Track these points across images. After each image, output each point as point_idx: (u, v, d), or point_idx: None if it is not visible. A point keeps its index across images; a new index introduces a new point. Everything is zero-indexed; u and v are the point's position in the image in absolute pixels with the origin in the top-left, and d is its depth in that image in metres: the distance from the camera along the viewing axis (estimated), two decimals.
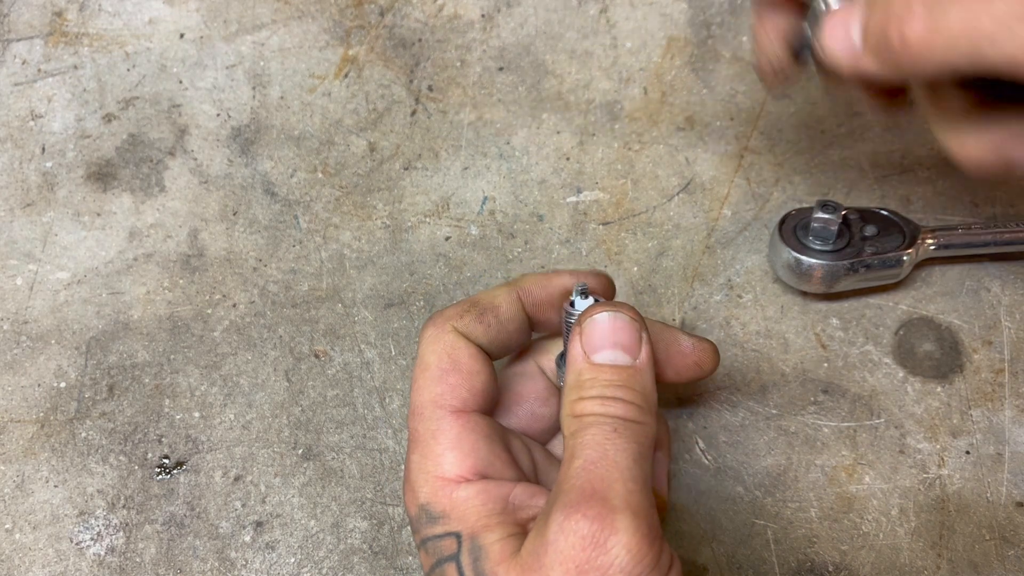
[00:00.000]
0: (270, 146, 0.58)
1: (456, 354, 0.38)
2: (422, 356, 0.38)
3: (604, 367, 0.35)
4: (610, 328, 0.36)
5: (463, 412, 0.37)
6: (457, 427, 0.36)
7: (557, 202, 0.56)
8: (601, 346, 0.35)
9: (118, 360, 0.52)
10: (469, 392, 0.37)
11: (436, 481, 0.35)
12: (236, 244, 0.55)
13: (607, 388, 0.34)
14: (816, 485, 0.48)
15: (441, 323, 0.39)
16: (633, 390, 0.35)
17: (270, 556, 0.47)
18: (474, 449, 0.36)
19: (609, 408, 0.34)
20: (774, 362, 0.51)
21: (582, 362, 0.35)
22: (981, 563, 0.46)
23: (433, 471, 0.36)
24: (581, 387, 0.35)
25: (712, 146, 0.56)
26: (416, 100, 0.59)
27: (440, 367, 0.37)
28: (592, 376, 0.35)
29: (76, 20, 0.61)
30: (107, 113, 0.59)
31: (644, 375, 0.35)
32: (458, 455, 0.36)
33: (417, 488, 0.36)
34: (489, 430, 0.37)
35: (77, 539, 0.48)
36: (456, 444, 0.36)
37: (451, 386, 0.37)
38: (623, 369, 0.35)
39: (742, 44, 0.59)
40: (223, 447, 0.50)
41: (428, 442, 0.36)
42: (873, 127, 0.56)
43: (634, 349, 0.36)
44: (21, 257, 0.55)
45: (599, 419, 0.34)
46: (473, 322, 0.39)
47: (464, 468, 0.35)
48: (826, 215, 0.48)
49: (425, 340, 0.39)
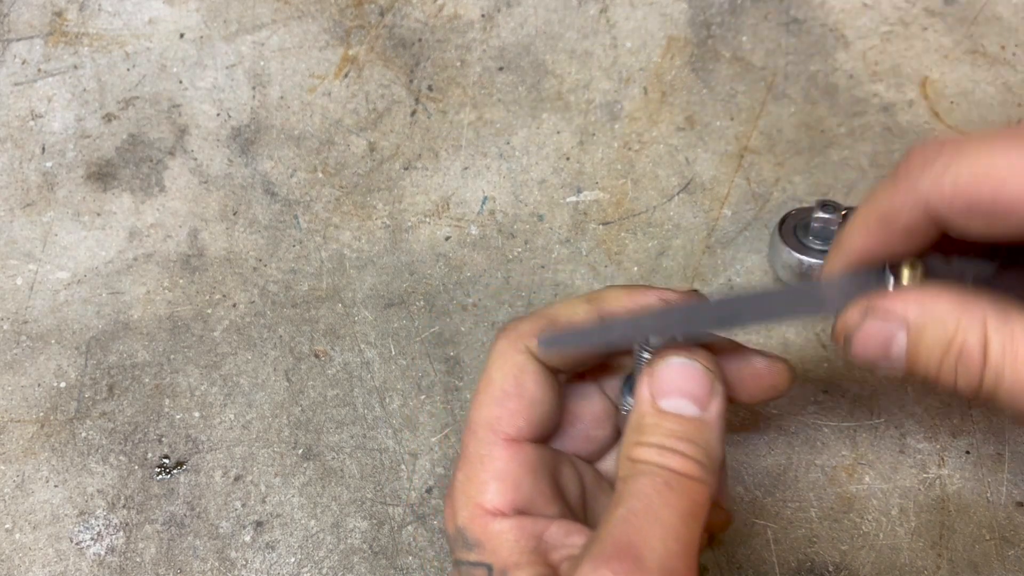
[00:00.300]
0: (270, 146, 0.58)
1: (523, 377, 0.36)
2: (488, 369, 0.37)
3: (668, 415, 0.33)
4: (680, 375, 0.34)
5: (515, 441, 0.35)
6: (505, 457, 0.35)
7: (557, 202, 0.56)
8: (669, 392, 0.34)
9: (118, 360, 0.52)
10: (526, 421, 0.36)
11: (475, 508, 0.35)
12: (236, 244, 0.55)
13: (668, 438, 0.33)
14: (816, 485, 0.48)
15: (515, 339, 0.37)
16: (695, 444, 0.33)
17: (270, 556, 0.47)
18: (517, 484, 0.35)
19: (666, 459, 0.32)
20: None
21: (647, 405, 0.34)
22: (981, 563, 0.46)
23: (475, 497, 0.35)
24: (642, 431, 0.33)
25: (712, 146, 0.56)
26: (416, 100, 0.59)
27: (503, 388, 0.36)
28: (654, 422, 0.33)
29: (76, 20, 0.61)
30: (107, 113, 0.59)
31: (710, 430, 0.33)
32: (500, 487, 0.35)
33: (457, 509, 0.35)
34: (538, 463, 0.36)
35: (77, 539, 0.48)
36: (501, 475, 0.35)
37: (509, 411, 0.36)
38: (688, 421, 0.33)
39: (742, 44, 0.59)
40: (223, 447, 0.50)
41: (475, 465, 0.35)
42: (873, 127, 0.56)
43: (704, 401, 0.34)
44: (21, 257, 0.55)
45: (653, 468, 0.32)
46: None
47: (503, 502, 0.34)
48: (826, 215, 0.48)
49: (495, 353, 0.37)
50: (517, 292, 0.53)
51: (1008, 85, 0.57)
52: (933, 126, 0.56)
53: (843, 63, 0.58)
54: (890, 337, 0.32)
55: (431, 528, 0.47)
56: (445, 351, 0.52)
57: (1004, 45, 0.58)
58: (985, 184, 0.29)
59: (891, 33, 0.59)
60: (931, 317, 0.31)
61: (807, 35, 0.59)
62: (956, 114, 0.56)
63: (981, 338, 0.30)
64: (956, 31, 0.59)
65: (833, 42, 0.59)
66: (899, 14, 0.59)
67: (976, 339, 0.30)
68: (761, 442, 0.49)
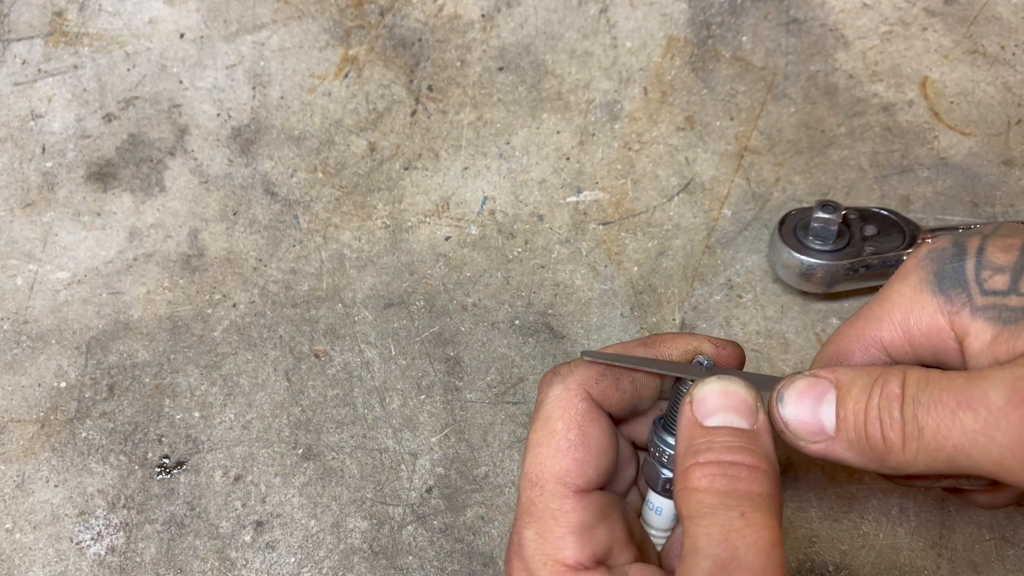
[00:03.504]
0: (270, 146, 0.58)
1: (588, 427, 0.35)
2: (548, 419, 0.35)
3: (720, 429, 0.32)
4: (722, 394, 0.33)
5: (586, 492, 0.35)
6: (580, 509, 0.34)
7: (557, 202, 0.56)
8: (714, 410, 0.33)
9: (118, 360, 0.52)
10: (595, 471, 0.35)
11: (556, 566, 0.33)
12: (236, 244, 0.55)
13: (725, 452, 0.31)
14: (816, 485, 0.48)
15: (574, 386, 0.35)
16: (756, 453, 0.31)
17: (270, 556, 0.47)
18: (594, 535, 0.34)
19: (732, 482, 0.30)
20: (774, 362, 0.51)
21: (693, 427, 0.33)
22: (981, 563, 0.46)
23: (553, 555, 0.34)
24: (695, 452, 0.32)
25: (712, 146, 0.57)
26: (416, 100, 0.59)
27: (568, 438, 0.35)
28: (706, 440, 0.32)
29: (76, 20, 0.61)
30: (107, 113, 0.59)
31: (765, 439, 0.32)
32: (579, 540, 0.34)
33: (535, 570, 0.34)
34: (609, 509, 0.35)
35: (77, 539, 0.48)
36: (578, 529, 0.34)
37: (578, 462, 0.34)
38: (741, 432, 0.32)
39: (742, 44, 0.59)
40: (223, 447, 0.50)
41: (548, 521, 0.34)
42: (873, 127, 0.56)
43: (751, 416, 0.33)
44: (21, 257, 0.55)
45: (725, 502, 0.30)
46: (610, 388, 0.36)
47: (584, 555, 0.34)
48: (826, 215, 0.48)
49: (553, 400, 0.35)
50: (517, 292, 0.53)
51: (1008, 85, 0.57)
52: (933, 126, 0.56)
53: (843, 63, 0.58)
54: (820, 397, 0.33)
55: (431, 528, 0.47)
56: (445, 351, 0.52)
57: (1004, 45, 0.58)
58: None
59: (891, 33, 0.59)
60: (857, 374, 0.32)
61: (807, 35, 0.59)
62: (956, 114, 0.56)
63: (900, 379, 0.31)
64: (956, 31, 0.59)
65: (833, 42, 0.59)
66: (899, 14, 0.59)
67: (896, 381, 0.31)
68: None
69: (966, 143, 0.56)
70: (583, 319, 0.52)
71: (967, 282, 0.32)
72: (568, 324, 0.52)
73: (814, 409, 0.33)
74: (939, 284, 0.32)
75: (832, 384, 0.32)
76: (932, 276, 0.33)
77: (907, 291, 0.33)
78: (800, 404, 0.33)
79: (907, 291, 0.33)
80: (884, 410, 0.31)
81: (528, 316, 0.52)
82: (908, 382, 0.30)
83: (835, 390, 0.32)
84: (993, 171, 0.55)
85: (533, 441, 0.35)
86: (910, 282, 0.33)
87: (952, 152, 0.55)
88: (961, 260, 0.32)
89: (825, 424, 0.32)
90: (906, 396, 0.30)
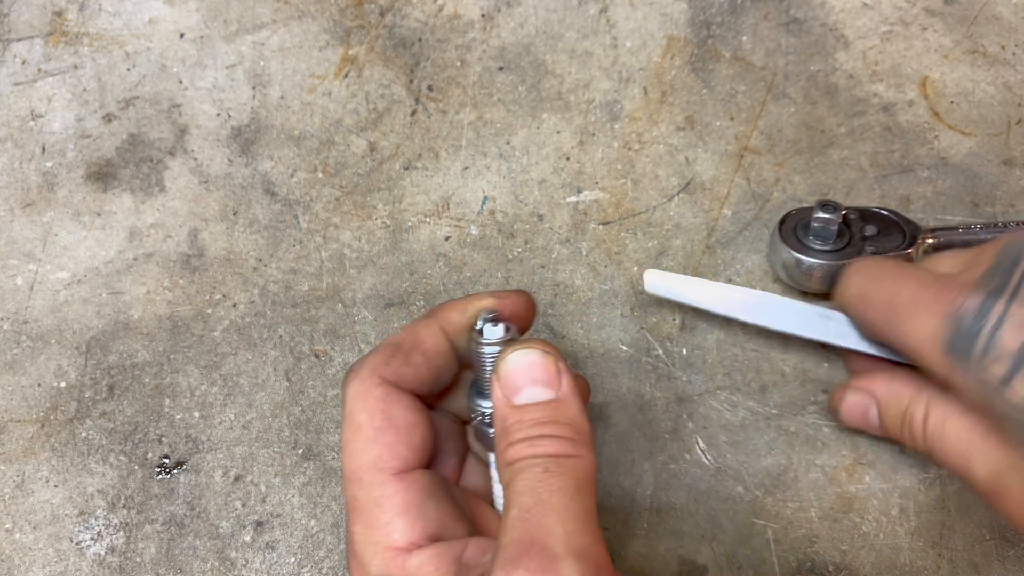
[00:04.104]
0: (270, 146, 0.58)
1: (389, 409, 0.36)
2: (351, 415, 0.36)
3: (527, 407, 0.34)
4: (525, 366, 0.34)
5: (405, 472, 0.35)
6: (402, 491, 0.34)
7: (557, 202, 0.56)
8: (520, 386, 0.34)
9: (118, 360, 0.52)
10: (408, 449, 0.35)
11: (387, 552, 0.34)
12: (236, 244, 0.55)
13: (533, 428, 0.33)
14: (816, 485, 0.48)
15: (367, 375, 0.36)
16: (560, 423, 0.33)
17: (270, 556, 0.47)
18: (422, 512, 0.34)
19: (537, 448, 0.32)
20: (774, 362, 0.51)
21: (505, 408, 0.34)
22: (981, 563, 0.46)
23: (383, 542, 0.34)
24: (508, 433, 0.33)
25: (712, 146, 0.56)
26: (416, 100, 0.59)
27: (373, 426, 0.35)
28: (516, 419, 0.33)
29: (76, 20, 0.61)
30: (107, 113, 0.59)
31: (570, 406, 0.34)
32: (406, 521, 0.34)
33: (367, 562, 0.34)
34: (433, 486, 0.36)
35: (77, 539, 0.48)
36: (403, 510, 0.34)
37: (388, 446, 0.35)
38: (546, 405, 0.34)
39: (742, 44, 0.59)
40: (223, 447, 0.50)
41: (372, 511, 0.34)
42: (873, 127, 0.56)
43: (554, 382, 0.34)
44: (21, 257, 0.55)
45: (530, 462, 0.32)
46: (401, 366, 0.37)
47: (414, 534, 0.34)
48: (826, 215, 0.48)
49: (351, 396, 0.36)
50: None
51: (1008, 85, 0.57)
52: (933, 126, 0.56)
53: (843, 63, 0.58)
54: (867, 408, 0.44)
55: None
56: None
57: (1004, 45, 0.58)
58: None
59: (891, 33, 0.59)
60: (892, 395, 0.42)
61: (807, 35, 0.59)
62: (956, 114, 0.56)
63: (923, 414, 0.40)
64: (956, 31, 0.59)
65: (833, 42, 0.59)
66: (899, 14, 0.59)
67: (920, 415, 0.40)
68: (761, 442, 0.49)
69: (966, 143, 0.55)
70: (583, 319, 0.52)
71: (972, 357, 0.35)
72: (568, 324, 0.52)
73: (863, 417, 0.44)
74: (950, 346, 0.36)
75: (873, 400, 0.44)
76: (948, 334, 0.36)
77: (928, 326, 0.37)
78: (851, 413, 0.45)
79: (928, 326, 0.37)
80: (908, 437, 0.42)
81: None
82: (929, 417, 0.40)
83: (875, 406, 0.44)
84: (993, 171, 0.55)
85: (343, 440, 0.36)
86: (935, 315, 0.36)
87: (952, 152, 0.55)
88: (979, 326, 0.35)
89: (872, 424, 0.44)
90: (927, 431, 0.40)
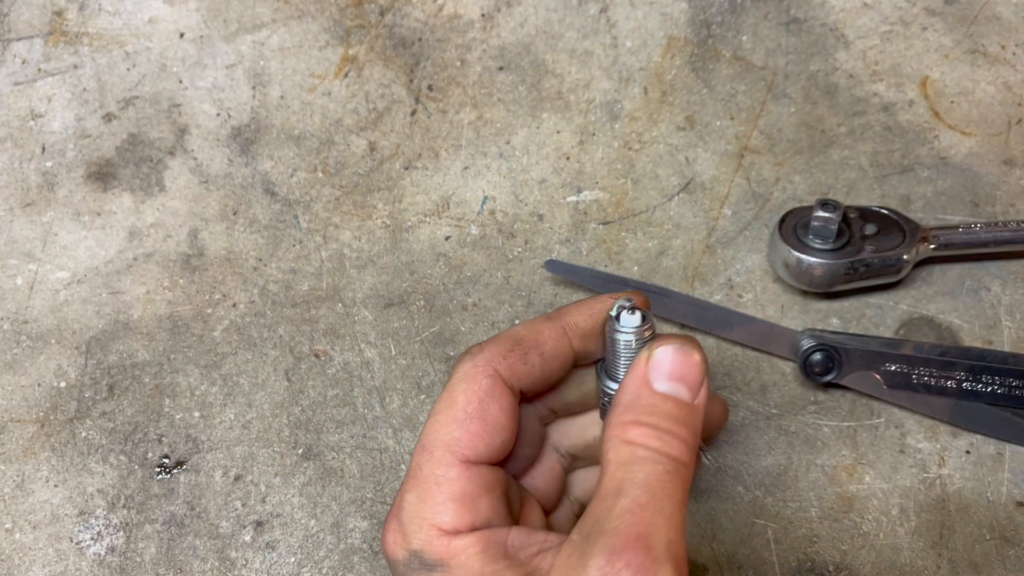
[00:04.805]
0: (270, 146, 0.58)
1: (487, 403, 0.36)
2: (451, 390, 0.36)
3: (667, 397, 0.34)
4: (680, 361, 0.34)
5: (473, 464, 0.35)
6: (464, 479, 0.35)
7: (557, 202, 0.56)
8: (668, 375, 0.34)
9: (118, 360, 0.52)
10: (487, 447, 0.35)
11: (432, 530, 0.34)
12: (236, 244, 0.55)
13: (666, 420, 0.33)
14: (816, 485, 0.48)
15: (483, 363, 0.36)
16: (689, 429, 0.33)
17: (270, 556, 0.47)
18: (475, 505, 0.34)
19: (666, 445, 0.32)
20: (774, 361, 0.51)
21: (642, 385, 0.34)
22: (981, 563, 0.46)
23: (430, 518, 0.34)
24: (638, 409, 0.33)
25: (712, 146, 0.56)
26: (416, 100, 0.59)
27: (466, 410, 0.35)
28: (652, 402, 0.33)
29: (76, 20, 0.61)
30: (107, 113, 0.59)
31: (699, 417, 0.34)
32: (458, 508, 0.34)
33: (410, 533, 0.34)
34: (495, 484, 0.36)
35: (77, 539, 0.48)
36: (459, 497, 0.34)
37: (470, 434, 0.35)
38: (684, 405, 0.34)
39: (742, 44, 0.59)
40: (223, 447, 0.50)
41: (430, 486, 0.35)
42: (873, 126, 0.56)
43: (696, 388, 0.34)
44: (21, 257, 0.55)
45: (656, 456, 0.32)
46: (517, 363, 0.37)
47: (462, 523, 0.34)
48: (826, 214, 0.48)
49: (460, 374, 0.36)
50: (517, 292, 0.53)
51: (1008, 85, 0.57)
52: (933, 125, 0.56)
53: (843, 63, 0.58)
54: None
55: None
56: (445, 351, 0.52)
57: (1004, 45, 0.58)
58: None
59: (891, 33, 0.59)
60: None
61: (807, 35, 0.59)
62: (956, 114, 0.56)
63: None
64: (956, 31, 0.59)
65: (833, 42, 0.59)
66: (899, 14, 0.59)
67: None
68: (761, 442, 0.49)
69: (966, 143, 0.55)
70: None
71: None
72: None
73: None
74: None
75: None
76: None
77: None
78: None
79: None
80: None
81: (528, 316, 0.52)
82: None
83: None
84: (993, 171, 0.55)
85: (433, 411, 0.36)
86: None
87: (952, 152, 0.55)
88: None
89: None
90: None
